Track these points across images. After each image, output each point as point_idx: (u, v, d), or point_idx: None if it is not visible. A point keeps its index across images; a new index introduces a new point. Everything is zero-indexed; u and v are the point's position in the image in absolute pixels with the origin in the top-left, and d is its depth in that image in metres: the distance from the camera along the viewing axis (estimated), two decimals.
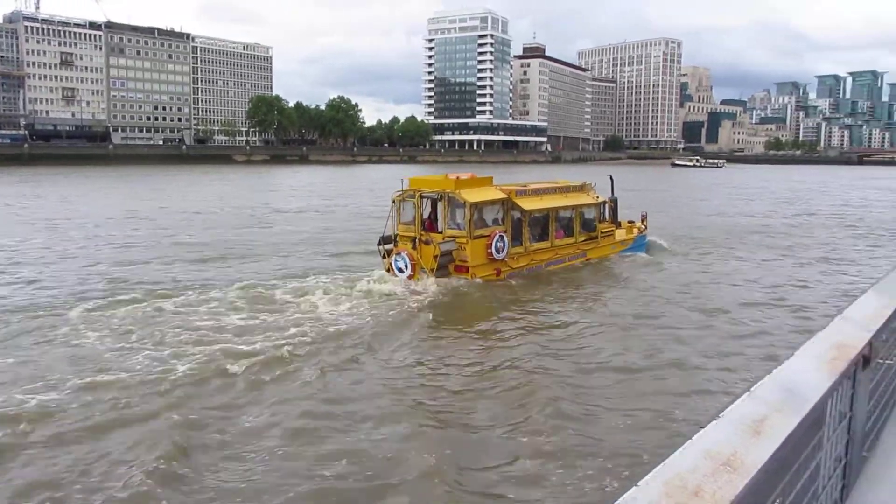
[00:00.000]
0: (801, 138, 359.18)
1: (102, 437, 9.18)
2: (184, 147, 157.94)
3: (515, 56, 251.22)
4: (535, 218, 21.03)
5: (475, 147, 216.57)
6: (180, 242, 27.64)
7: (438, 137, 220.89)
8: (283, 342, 13.30)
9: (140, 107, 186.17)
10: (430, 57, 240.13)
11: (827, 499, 2.39)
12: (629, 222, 25.89)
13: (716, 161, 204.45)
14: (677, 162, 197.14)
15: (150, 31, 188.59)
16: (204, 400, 10.56)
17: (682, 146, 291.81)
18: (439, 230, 19.52)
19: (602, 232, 23.37)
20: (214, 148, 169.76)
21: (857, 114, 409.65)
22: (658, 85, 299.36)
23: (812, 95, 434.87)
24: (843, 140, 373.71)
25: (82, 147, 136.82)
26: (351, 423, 9.71)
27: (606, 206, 23.99)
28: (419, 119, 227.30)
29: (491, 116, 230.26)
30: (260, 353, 12.62)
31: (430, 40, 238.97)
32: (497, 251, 19.15)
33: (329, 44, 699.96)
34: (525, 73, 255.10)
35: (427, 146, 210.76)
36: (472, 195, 19.14)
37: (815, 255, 26.26)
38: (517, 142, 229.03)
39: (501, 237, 19.33)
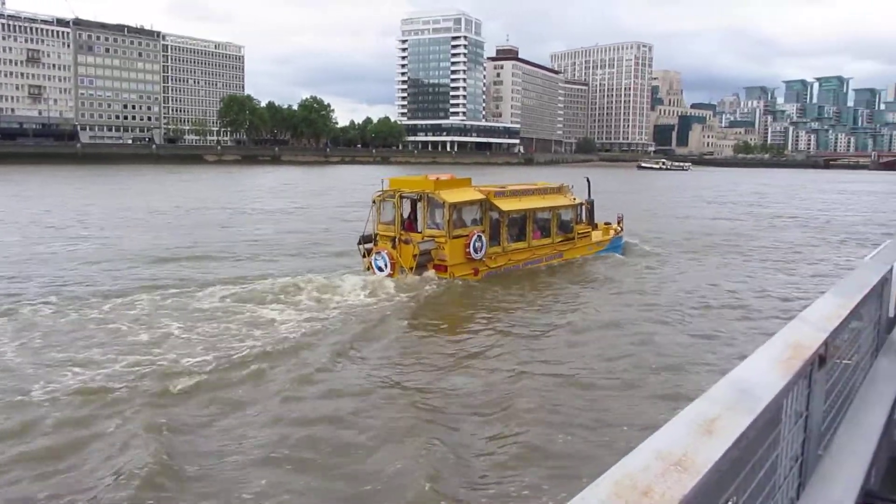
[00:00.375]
0: (769, 142, 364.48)
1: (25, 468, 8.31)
2: (153, 146, 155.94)
3: (489, 58, 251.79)
4: (513, 219, 21.47)
5: (448, 148, 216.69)
6: (129, 244, 26.67)
7: (412, 138, 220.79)
8: (241, 349, 12.83)
9: (109, 105, 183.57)
10: (404, 58, 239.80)
11: (783, 497, 2.41)
12: (605, 224, 26.37)
13: (682, 164, 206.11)
14: (643, 164, 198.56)
15: (119, 28, 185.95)
16: (163, 412, 9.89)
17: (653, 149, 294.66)
18: (418, 230, 19.92)
19: (579, 233, 23.86)
20: (185, 147, 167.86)
21: (824, 118, 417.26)
22: (630, 88, 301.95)
23: (780, 100, 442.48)
24: (809, 144, 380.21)
25: (49, 146, 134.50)
26: (320, 431, 9.57)
27: (583, 207, 24.49)
28: (392, 120, 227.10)
29: (464, 118, 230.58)
30: (212, 363, 11.96)
31: (404, 41, 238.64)
32: (475, 251, 19.58)
33: (300, 43, 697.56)
34: (498, 74, 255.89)
35: (400, 147, 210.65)
36: (451, 196, 19.56)
37: (779, 258, 26.76)
38: (490, 143, 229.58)
39: (479, 237, 19.76)
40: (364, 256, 19.88)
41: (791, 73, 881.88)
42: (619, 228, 26.47)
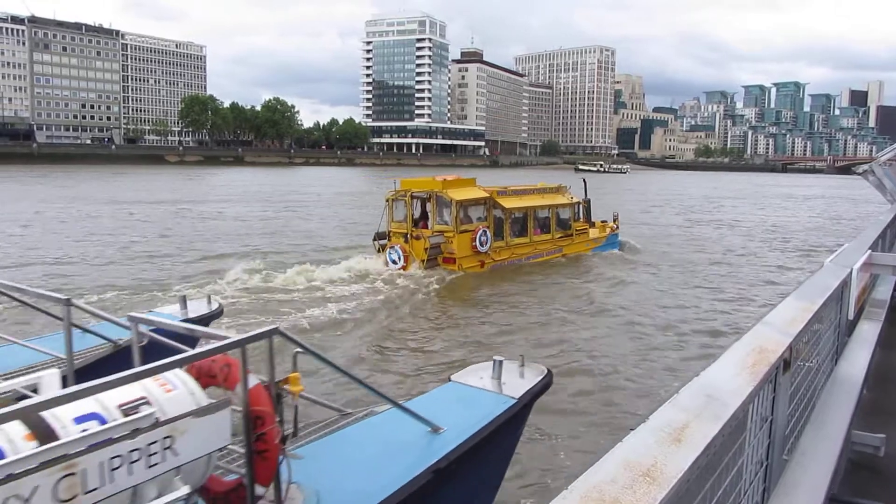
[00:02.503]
0: (728, 146, 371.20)
1: None
2: (113, 147, 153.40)
3: (453, 60, 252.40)
4: (515, 216, 23.23)
5: (413, 150, 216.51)
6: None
7: (377, 140, 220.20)
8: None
9: (66, 105, 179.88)
10: (369, 59, 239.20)
11: (748, 502, 2.42)
12: (602, 222, 27.98)
13: (620, 167, 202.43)
14: (581, 167, 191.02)
15: (76, 26, 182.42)
16: None
17: (616, 152, 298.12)
18: (428, 226, 21.68)
19: (577, 230, 25.62)
20: (145, 148, 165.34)
21: (781, 123, 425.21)
22: (593, 92, 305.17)
23: (739, 104, 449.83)
24: (768, 148, 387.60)
25: (3, 146, 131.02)
26: None
27: (580, 206, 26.15)
28: (357, 121, 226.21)
29: (429, 120, 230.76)
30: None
31: (368, 42, 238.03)
32: (481, 245, 21.44)
33: (258, 44, 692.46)
34: (463, 77, 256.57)
35: (365, 149, 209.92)
36: (458, 194, 21.45)
37: (746, 262, 27.03)
38: (455, 145, 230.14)
39: (485, 232, 21.59)
40: (379, 251, 21.70)
41: (747, 78, 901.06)
42: (616, 226, 28.03)
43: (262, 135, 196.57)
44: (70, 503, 2.58)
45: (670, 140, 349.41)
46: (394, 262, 20.77)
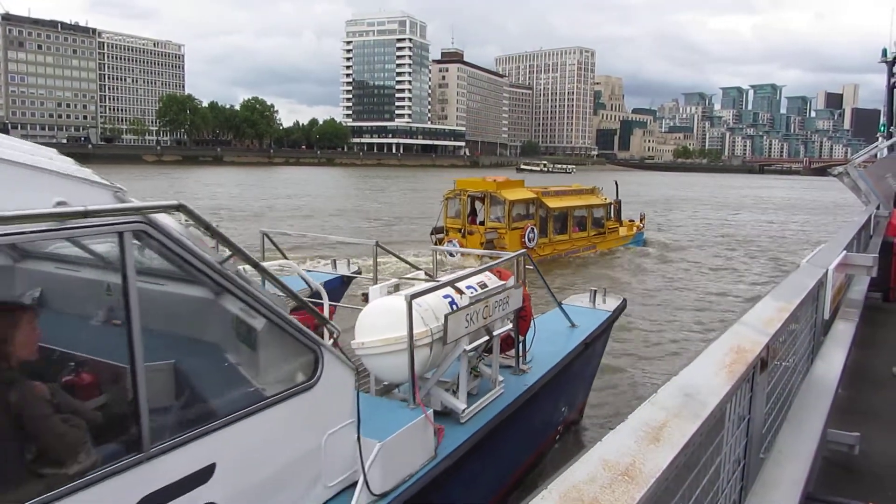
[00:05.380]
0: (707, 147, 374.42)
1: None
2: (89, 146, 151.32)
3: (434, 60, 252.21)
4: (557, 215, 25.45)
5: (394, 150, 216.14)
6: None
7: (357, 140, 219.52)
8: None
9: (42, 103, 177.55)
10: (349, 59, 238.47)
11: (726, 501, 2.43)
12: (630, 220, 30.52)
13: (564, 167, 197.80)
14: (523, 166, 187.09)
15: (52, 24, 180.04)
16: None
17: (595, 153, 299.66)
18: (476, 222, 23.98)
19: (609, 228, 28.04)
20: (123, 147, 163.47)
21: (759, 125, 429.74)
22: (573, 92, 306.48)
23: (717, 106, 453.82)
24: (745, 149, 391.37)
25: None
26: None
27: (612, 206, 28.49)
28: (338, 121, 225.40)
29: (410, 120, 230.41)
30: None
31: (349, 42, 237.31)
32: (529, 241, 23.30)
33: (235, 43, 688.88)
34: (443, 77, 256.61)
35: (346, 149, 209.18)
36: (511, 194, 23.69)
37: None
38: (436, 146, 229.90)
39: (532, 229, 23.77)
40: (436, 244, 23.13)
41: (723, 80, 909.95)
42: (642, 225, 30.82)
43: (242, 135, 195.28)
44: (487, 319, 5.77)
45: (649, 141, 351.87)
46: (450, 255, 22.24)
